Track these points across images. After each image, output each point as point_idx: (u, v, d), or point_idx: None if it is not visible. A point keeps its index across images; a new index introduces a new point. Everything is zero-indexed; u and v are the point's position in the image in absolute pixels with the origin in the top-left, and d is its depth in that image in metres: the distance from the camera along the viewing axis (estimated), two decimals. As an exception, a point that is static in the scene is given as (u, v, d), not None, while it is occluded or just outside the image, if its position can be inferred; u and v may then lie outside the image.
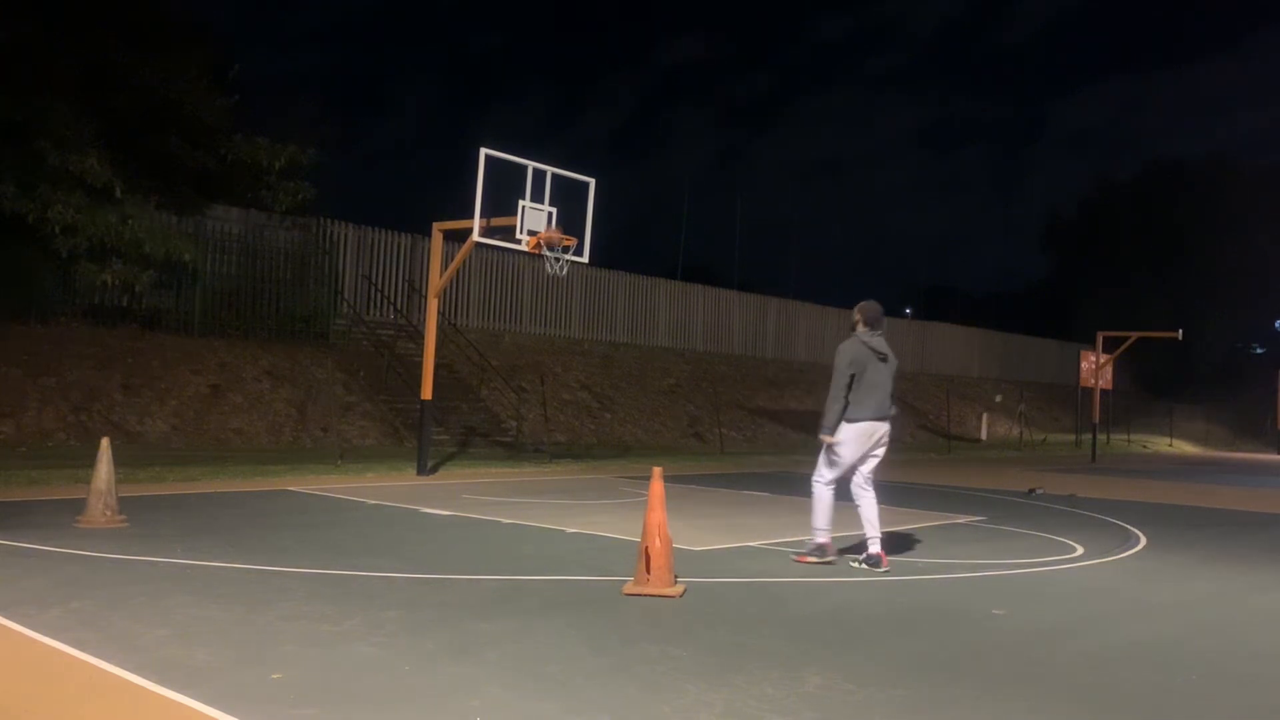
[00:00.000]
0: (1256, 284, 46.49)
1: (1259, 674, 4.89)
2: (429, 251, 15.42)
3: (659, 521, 6.04)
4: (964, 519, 10.90)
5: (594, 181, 14.00)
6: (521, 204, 12.99)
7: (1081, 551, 8.63)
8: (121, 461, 9.14)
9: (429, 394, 14.23)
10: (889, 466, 8.56)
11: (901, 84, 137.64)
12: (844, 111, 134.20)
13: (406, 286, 22.69)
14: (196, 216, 19.24)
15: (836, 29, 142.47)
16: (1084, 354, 28.18)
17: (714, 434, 23.50)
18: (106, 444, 8.19)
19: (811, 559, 7.42)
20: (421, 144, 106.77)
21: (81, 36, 17.92)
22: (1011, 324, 43.31)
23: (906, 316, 41.39)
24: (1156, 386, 44.27)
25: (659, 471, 6.20)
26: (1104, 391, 28.58)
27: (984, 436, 31.38)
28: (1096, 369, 27.45)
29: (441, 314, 18.25)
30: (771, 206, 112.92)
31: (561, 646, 4.78)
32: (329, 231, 21.62)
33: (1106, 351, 28.15)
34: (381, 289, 22.41)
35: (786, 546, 8.24)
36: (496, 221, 12.99)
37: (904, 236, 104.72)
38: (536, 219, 13.12)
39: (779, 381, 29.34)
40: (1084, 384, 28.12)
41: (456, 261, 14.13)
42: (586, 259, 13.98)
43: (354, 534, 8.19)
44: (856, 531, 7.59)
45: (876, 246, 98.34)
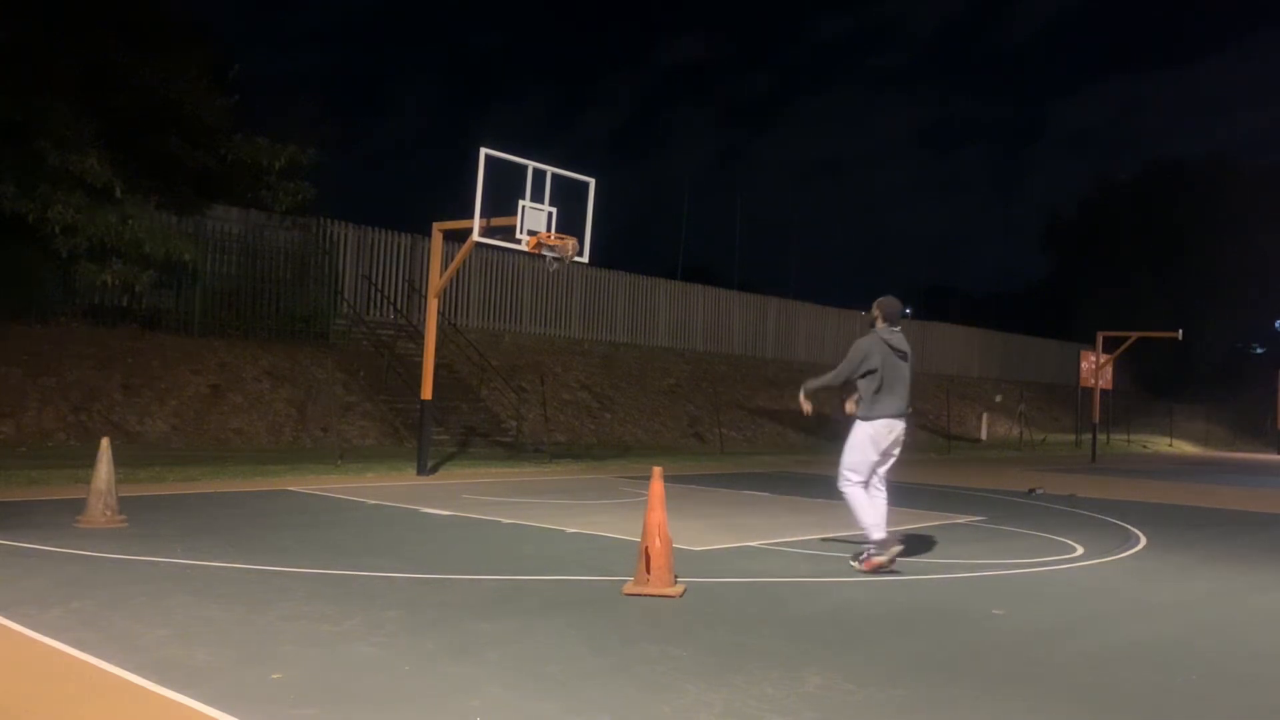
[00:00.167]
0: (1256, 284, 46.48)
1: (1259, 674, 4.89)
2: (429, 251, 15.43)
3: (659, 521, 6.04)
4: (964, 519, 10.91)
5: (594, 181, 14.01)
6: (521, 204, 13.00)
7: (1081, 551, 8.64)
8: (121, 461, 9.14)
9: (429, 394, 14.23)
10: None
11: (901, 84, 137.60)
12: (844, 111, 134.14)
13: (406, 286, 22.69)
14: (196, 216, 19.24)
15: (836, 29, 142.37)
16: (1084, 354, 28.18)
17: (714, 434, 23.51)
18: (106, 444, 8.19)
19: (879, 559, 7.01)
20: (421, 144, 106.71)
21: (81, 36, 17.91)
22: (1011, 324, 43.26)
23: (906, 316, 41.36)
24: (1156, 386, 44.24)
25: (659, 471, 6.20)
26: (1104, 391, 28.57)
27: (984, 436, 31.37)
28: (1096, 369, 27.45)
29: (441, 314, 18.26)
30: (771, 206, 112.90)
31: (561, 646, 4.78)
32: (329, 231, 21.62)
33: (1106, 351, 28.13)
34: (381, 289, 22.41)
35: (787, 546, 8.24)
36: (496, 221, 12.99)
37: (904, 236, 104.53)
38: (536, 219, 13.12)
39: (779, 381, 29.32)
40: (1084, 384, 28.13)
41: (456, 261, 14.13)
42: (587, 259, 13.99)
43: (354, 534, 8.20)
44: (856, 532, 7.59)
45: (876, 246, 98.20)
